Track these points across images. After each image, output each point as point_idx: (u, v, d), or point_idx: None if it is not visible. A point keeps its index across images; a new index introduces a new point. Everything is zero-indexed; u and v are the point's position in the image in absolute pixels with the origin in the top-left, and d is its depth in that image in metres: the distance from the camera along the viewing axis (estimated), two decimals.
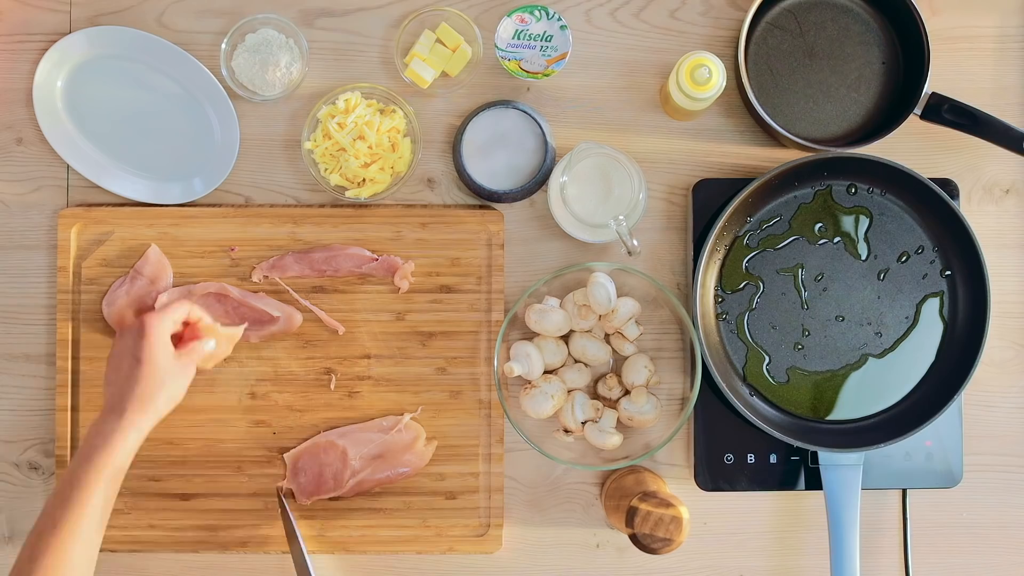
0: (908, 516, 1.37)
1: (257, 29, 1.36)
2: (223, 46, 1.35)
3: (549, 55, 1.32)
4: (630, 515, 1.21)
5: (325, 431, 1.35)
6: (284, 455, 1.35)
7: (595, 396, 1.35)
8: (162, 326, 1.22)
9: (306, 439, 1.35)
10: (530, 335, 1.35)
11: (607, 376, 1.34)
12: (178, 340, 1.25)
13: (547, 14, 1.31)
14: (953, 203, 1.31)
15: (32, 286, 1.37)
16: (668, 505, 1.21)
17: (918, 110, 1.33)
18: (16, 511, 1.37)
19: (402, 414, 1.35)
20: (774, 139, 1.37)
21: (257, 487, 1.35)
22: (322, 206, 1.37)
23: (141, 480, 1.35)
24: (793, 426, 1.34)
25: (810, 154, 1.33)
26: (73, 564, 1.12)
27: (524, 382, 1.33)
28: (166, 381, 1.21)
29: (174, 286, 1.35)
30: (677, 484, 1.37)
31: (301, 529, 1.34)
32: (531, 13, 1.31)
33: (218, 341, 1.27)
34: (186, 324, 1.26)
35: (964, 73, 1.39)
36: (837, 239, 1.34)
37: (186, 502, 1.35)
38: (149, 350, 1.20)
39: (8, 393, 1.37)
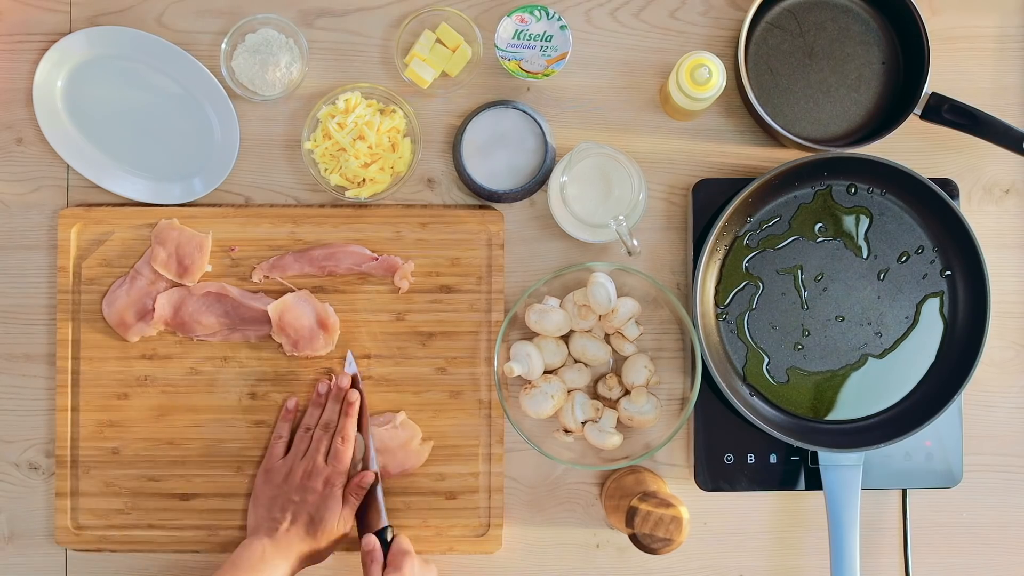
0: (908, 516, 1.37)
1: (257, 29, 1.36)
2: (223, 46, 1.35)
3: (549, 55, 1.32)
4: (630, 515, 1.21)
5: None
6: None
7: (595, 396, 1.35)
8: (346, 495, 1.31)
9: None
10: (530, 335, 1.35)
11: (607, 376, 1.34)
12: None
13: (547, 14, 1.31)
14: (953, 203, 1.31)
15: (32, 286, 1.37)
16: (668, 505, 1.21)
17: (918, 110, 1.33)
18: (16, 511, 1.37)
19: (398, 411, 1.35)
20: (774, 139, 1.37)
21: None
22: (322, 206, 1.37)
23: (141, 480, 1.35)
24: (793, 426, 1.34)
25: (810, 154, 1.33)
26: None
27: (524, 382, 1.33)
28: (334, 532, 1.30)
29: (173, 286, 1.35)
30: (677, 484, 1.37)
31: None
32: (531, 13, 1.31)
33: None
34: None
35: (964, 73, 1.39)
36: (837, 239, 1.34)
37: (186, 502, 1.35)
38: (329, 517, 1.29)
39: (8, 393, 1.37)
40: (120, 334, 1.35)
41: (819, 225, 1.34)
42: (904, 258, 1.35)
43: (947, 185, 1.34)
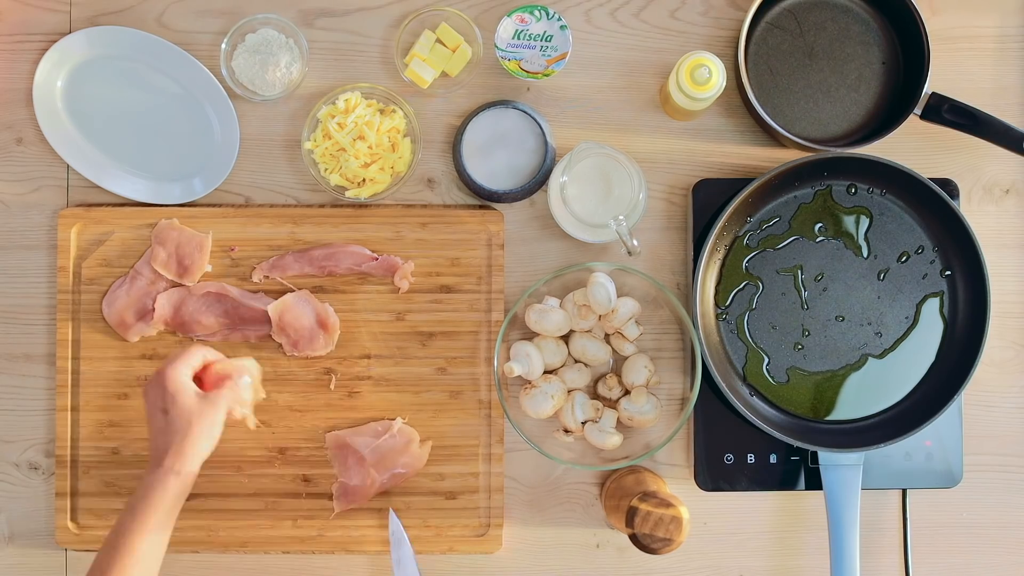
0: (908, 516, 1.37)
1: (257, 29, 1.36)
2: (223, 46, 1.35)
3: (549, 55, 1.32)
4: (630, 515, 1.21)
5: (325, 433, 1.35)
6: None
7: (595, 396, 1.35)
8: (179, 373, 1.22)
9: (306, 439, 1.35)
10: (530, 335, 1.35)
11: (607, 376, 1.34)
12: (200, 384, 1.24)
13: (547, 14, 1.31)
14: (953, 203, 1.31)
15: (32, 286, 1.37)
16: (668, 505, 1.21)
17: (918, 110, 1.33)
18: (16, 511, 1.37)
19: (394, 418, 1.35)
20: (774, 139, 1.37)
21: (257, 487, 1.36)
22: (322, 206, 1.37)
23: None
24: (793, 426, 1.34)
25: (810, 154, 1.33)
26: None
27: (524, 382, 1.33)
28: (194, 423, 1.20)
29: (173, 286, 1.35)
30: (677, 484, 1.37)
31: (300, 530, 1.34)
32: (531, 13, 1.31)
33: (243, 378, 1.26)
34: (204, 368, 1.25)
35: (964, 73, 1.39)
36: (837, 239, 1.34)
37: (186, 502, 1.35)
38: (172, 399, 1.20)
39: (8, 393, 1.37)
40: (120, 334, 1.35)
41: (819, 225, 1.34)
42: (904, 258, 1.35)
43: (947, 185, 1.34)
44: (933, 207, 1.33)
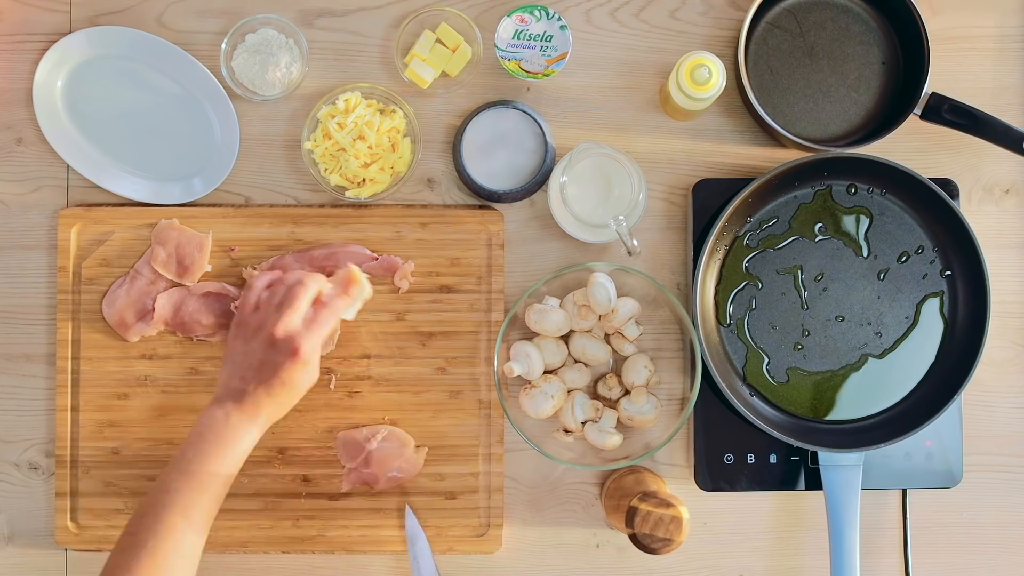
0: (908, 516, 1.37)
1: (257, 29, 1.36)
2: (223, 46, 1.35)
3: (549, 55, 1.32)
4: (630, 515, 1.21)
5: (325, 432, 1.35)
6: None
7: (595, 396, 1.35)
8: (313, 346, 1.21)
9: (306, 439, 1.35)
10: (530, 335, 1.35)
11: (607, 376, 1.34)
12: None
13: (547, 14, 1.31)
14: (953, 203, 1.31)
15: (32, 286, 1.37)
16: (668, 505, 1.21)
17: (918, 110, 1.33)
18: (16, 511, 1.37)
19: (384, 422, 1.35)
20: (774, 139, 1.37)
21: (257, 487, 1.36)
22: (322, 206, 1.37)
23: (141, 480, 1.35)
24: (793, 426, 1.34)
25: (810, 154, 1.33)
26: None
27: (524, 382, 1.33)
28: (303, 389, 1.23)
29: (173, 286, 1.35)
30: (677, 484, 1.37)
31: (300, 530, 1.34)
32: (531, 13, 1.31)
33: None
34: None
35: (964, 73, 1.39)
36: (837, 239, 1.34)
37: None
38: (296, 376, 1.21)
39: (8, 393, 1.37)
40: (120, 334, 1.35)
41: (819, 225, 1.34)
42: (904, 258, 1.35)
43: (947, 185, 1.34)
44: (933, 207, 1.33)
